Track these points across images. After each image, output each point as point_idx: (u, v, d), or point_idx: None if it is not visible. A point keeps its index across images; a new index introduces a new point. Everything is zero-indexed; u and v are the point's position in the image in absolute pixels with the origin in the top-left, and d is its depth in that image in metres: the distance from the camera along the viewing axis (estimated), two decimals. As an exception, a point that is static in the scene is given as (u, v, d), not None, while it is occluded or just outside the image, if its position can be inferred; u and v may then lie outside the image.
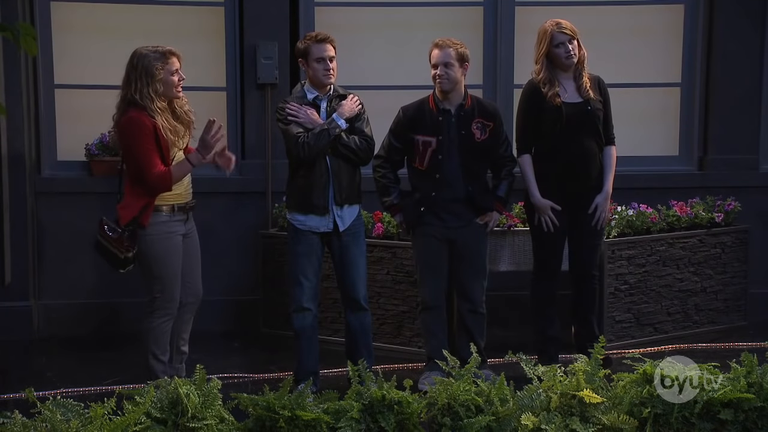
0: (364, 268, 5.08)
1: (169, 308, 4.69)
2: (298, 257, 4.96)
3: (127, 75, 4.58)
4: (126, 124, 4.53)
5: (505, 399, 3.82)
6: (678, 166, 6.88)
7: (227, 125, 6.63)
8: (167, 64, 4.57)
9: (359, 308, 5.05)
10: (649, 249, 6.12)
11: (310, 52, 4.90)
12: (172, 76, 4.59)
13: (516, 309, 6.38)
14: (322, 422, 3.67)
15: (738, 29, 6.69)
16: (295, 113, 4.91)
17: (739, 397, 3.81)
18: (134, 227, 4.56)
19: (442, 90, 5.10)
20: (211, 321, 6.33)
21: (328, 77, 4.92)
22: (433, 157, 5.12)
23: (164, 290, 4.66)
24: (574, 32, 5.13)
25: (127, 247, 4.56)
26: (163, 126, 4.53)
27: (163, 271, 4.64)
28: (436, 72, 5.09)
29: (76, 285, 6.48)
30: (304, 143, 4.83)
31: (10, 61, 6.20)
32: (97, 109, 6.53)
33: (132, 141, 4.52)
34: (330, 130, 4.85)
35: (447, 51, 5.06)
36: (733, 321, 6.50)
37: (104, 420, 3.48)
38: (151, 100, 4.51)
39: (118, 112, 4.61)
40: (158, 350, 4.69)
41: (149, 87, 4.52)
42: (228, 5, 6.56)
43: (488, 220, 5.22)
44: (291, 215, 5.01)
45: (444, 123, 5.12)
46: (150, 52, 4.56)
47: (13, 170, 6.29)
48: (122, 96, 4.58)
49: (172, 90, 4.61)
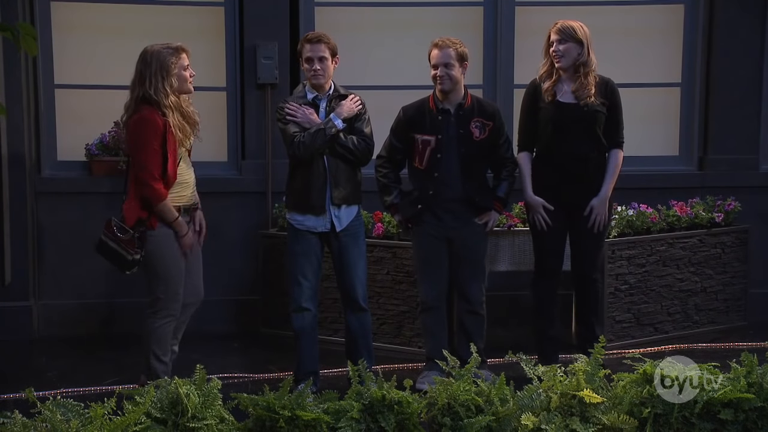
0: (363, 268, 5.07)
1: (172, 309, 4.69)
2: (297, 257, 4.96)
3: (139, 73, 4.59)
4: (138, 122, 4.54)
5: (505, 399, 3.82)
6: (678, 166, 6.88)
7: (227, 125, 6.64)
8: (179, 59, 4.62)
9: (359, 308, 5.05)
10: (649, 249, 6.12)
11: (302, 51, 4.93)
12: (185, 71, 4.65)
13: (516, 309, 6.39)
14: (322, 422, 3.67)
15: (738, 29, 6.70)
16: (293, 113, 4.91)
17: (739, 397, 3.81)
18: (143, 228, 4.57)
19: (443, 90, 5.10)
20: (211, 321, 6.33)
21: (315, 77, 4.91)
22: (432, 155, 5.12)
23: (168, 291, 4.66)
24: (569, 34, 5.07)
25: (135, 248, 4.57)
26: (174, 124, 4.56)
27: (168, 272, 4.64)
28: (436, 72, 5.09)
29: (76, 285, 6.48)
30: (300, 142, 4.84)
31: (10, 61, 6.20)
32: (97, 109, 6.55)
33: (140, 139, 4.53)
34: (326, 130, 4.85)
35: (447, 51, 5.06)
36: (733, 321, 6.50)
37: (104, 420, 3.47)
38: (166, 95, 4.55)
39: (129, 110, 4.62)
40: (160, 351, 4.69)
41: (164, 82, 4.55)
42: (228, 5, 6.57)
43: (487, 219, 5.22)
44: (290, 215, 5.02)
45: (443, 122, 5.12)
46: (162, 48, 4.60)
47: (13, 170, 6.29)
48: (135, 95, 4.60)
49: (186, 85, 4.67)
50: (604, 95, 5.15)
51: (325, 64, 4.90)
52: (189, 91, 4.71)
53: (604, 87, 5.17)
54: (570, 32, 5.08)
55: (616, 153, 5.24)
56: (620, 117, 5.24)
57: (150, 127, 4.51)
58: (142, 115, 4.53)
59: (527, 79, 6.51)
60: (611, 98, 5.18)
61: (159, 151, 4.53)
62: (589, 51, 5.10)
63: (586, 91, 5.09)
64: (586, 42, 5.09)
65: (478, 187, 5.19)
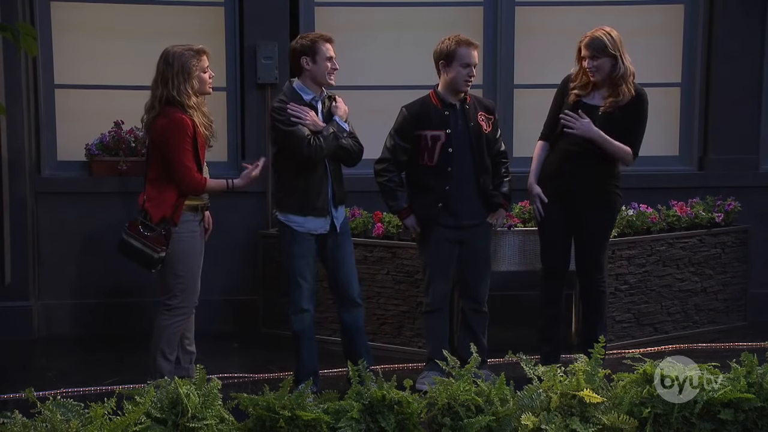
0: (354, 265, 5.11)
1: (187, 307, 4.76)
2: (296, 259, 4.95)
3: (161, 74, 4.64)
4: (169, 125, 4.60)
5: (505, 399, 3.82)
6: (678, 166, 6.88)
7: (227, 125, 6.64)
8: (200, 61, 4.70)
9: (354, 305, 5.06)
10: (649, 249, 6.12)
11: (320, 50, 4.85)
12: (205, 73, 4.72)
13: (516, 309, 6.39)
14: (322, 422, 3.67)
15: (738, 29, 6.70)
16: (299, 115, 4.84)
17: (739, 397, 3.81)
18: (167, 225, 4.61)
19: (463, 90, 5.08)
20: (211, 321, 6.33)
21: (332, 77, 4.90)
22: (443, 151, 5.08)
23: (186, 289, 4.72)
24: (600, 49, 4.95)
25: (162, 246, 4.61)
26: (200, 122, 4.65)
27: (187, 270, 4.71)
28: (468, 71, 5.03)
29: (76, 285, 6.48)
30: (318, 146, 4.79)
31: (10, 61, 6.20)
32: (97, 109, 6.55)
33: (174, 141, 4.58)
34: (337, 133, 4.85)
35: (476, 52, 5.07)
36: (733, 321, 6.50)
37: (104, 420, 3.48)
38: (188, 96, 4.62)
39: (152, 111, 4.67)
40: (168, 349, 4.73)
41: (186, 83, 4.62)
42: (228, 5, 6.57)
43: (498, 217, 5.24)
44: (285, 217, 4.94)
45: (451, 116, 5.10)
46: (185, 51, 4.66)
47: (13, 170, 6.29)
48: (158, 95, 4.64)
49: (206, 86, 4.75)
50: (631, 106, 5.04)
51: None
52: (208, 93, 4.80)
53: (636, 99, 5.05)
54: (601, 47, 4.97)
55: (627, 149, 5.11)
56: (642, 131, 5.13)
57: (182, 128, 4.58)
58: (173, 117, 4.59)
59: (527, 79, 6.54)
60: (638, 112, 5.08)
61: (190, 149, 4.61)
62: (623, 60, 4.99)
63: (620, 99, 5.00)
64: (618, 54, 4.97)
65: (488, 181, 5.18)
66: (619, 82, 5.01)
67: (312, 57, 4.85)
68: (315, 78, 4.89)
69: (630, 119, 5.07)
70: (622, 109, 5.03)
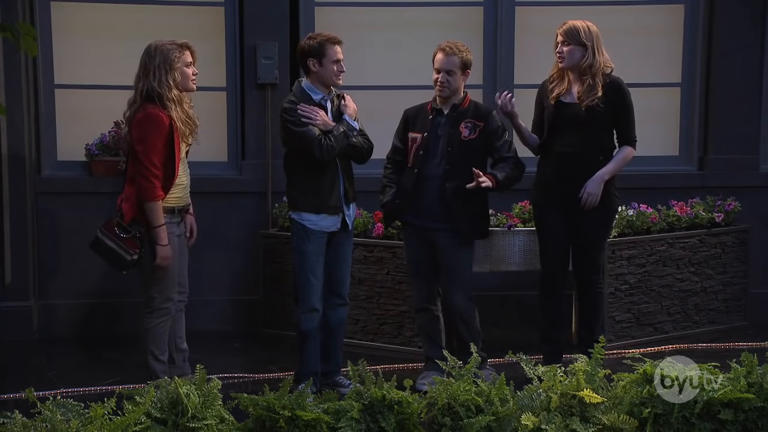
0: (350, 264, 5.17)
1: (167, 308, 4.72)
2: (309, 256, 4.93)
3: (143, 66, 4.63)
4: (143, 119, 4.56)
5: (505, 399, 3.82)
6: (678, 166, 6.88)
7: (227, 125, 6.64)
8: (183, 55, 4.67)
9: (343, 303, 5.09)
10: (649, 249, 6.12)
11: (327, 52, 4.86)
12: (188, 68, 4.69)
13: (516, 309, 6.39)
14: (322, 422, 3.67)
15: (738, 29, 6.70)
16: (310, 115, 4.84)
17: (739, 397, 3.81)
18: (142, 228, 4.58)
19: (441, 96, 5.10)
20: (211, 321, 6.33)
21: (341, 78, 4.92)
22: (416, 152, 5.13)
23: (162, 290, 4.69)
24: (573, 36, 5.04)
25: (136, 248, 4.58)
26: (177, 117, 4.60)
27: (163, 272, 4.65)
28: (437, 77, 5.07)
29: (76, 285, 6.47)
30: (330, 146, 4.80)
31: (10, 61, 6.19)
32: (97, 109, 6.55)
33: (145, 135, 4.54)
34: (347, 132, 4.86)
35: (452, 59, 5.03)
36: (733, 321, 6.50)
37: (104, 420, 3.48)
38: (169, 89, 4.59)
39: (133, 106, 4.64)
40: (157, 350, 4.70)
41: (167, 75, 4.59)
42: (228, 5, 6.56)
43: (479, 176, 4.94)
44: (299, 215, 4.95)
45: (433, 121, 5.14)
46: (168, 44, 4.65)
47: (13, 170, 6.29)
48: (139, 89, 4.63)
49: (188, 81, 4.71)
50: (610, 96, 5.08)
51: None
52: (191, 89, 4.75)
53: (612, 88, 5.10)
54: (574, 35, 5.06)
55: (625, 148, 5.19)
56: (630, 116, 5.19)
57: (156, 124, 4.54)
58: (149, 112, 4.55)
59: (527, 79, 6.53)
60: (620, 99, 5.12)
61: (162, 150, 4.55)
62: (595, 53, 5.06)
63: (592, 92, 5.05)
64: (590, 44, 5.05)
65: (457, 188, 5.04)
66: (587, 73, 5.07)
67: (319, 59, 4.86)
68: (322, 79, 4.91)
69: (614, 108, 5.11)
70: (602, 100, 5.06)
